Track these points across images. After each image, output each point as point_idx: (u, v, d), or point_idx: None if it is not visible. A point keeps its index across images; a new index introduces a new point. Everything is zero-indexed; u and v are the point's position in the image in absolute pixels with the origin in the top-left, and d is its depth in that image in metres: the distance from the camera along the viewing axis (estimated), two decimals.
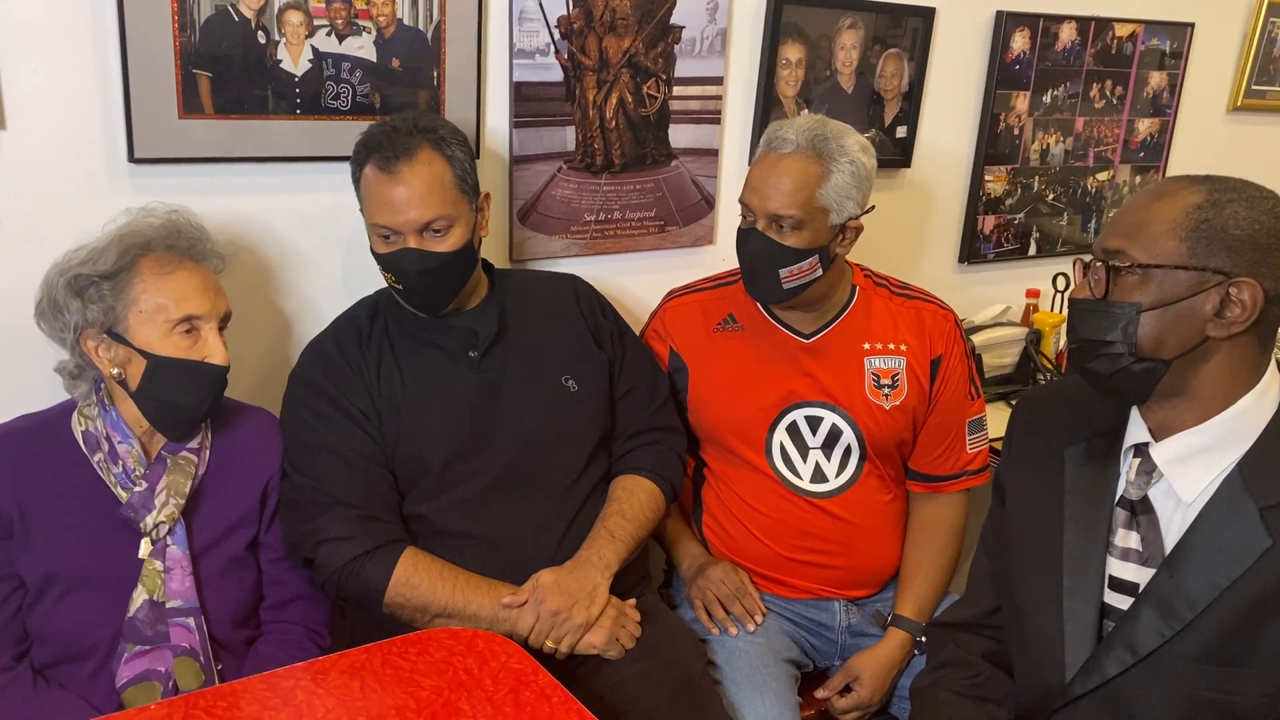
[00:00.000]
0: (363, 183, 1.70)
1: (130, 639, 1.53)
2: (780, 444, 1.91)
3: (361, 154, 1.70)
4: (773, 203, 1.79)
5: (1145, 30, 2.83)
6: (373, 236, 1.72)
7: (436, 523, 1.72)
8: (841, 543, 1.91)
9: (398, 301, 1.79)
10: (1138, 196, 1.31)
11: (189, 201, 1.70)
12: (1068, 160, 2.84)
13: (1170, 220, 1.24)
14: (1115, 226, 1.30)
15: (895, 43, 2.45)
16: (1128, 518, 1.33)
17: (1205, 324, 1.24)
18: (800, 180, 1.79)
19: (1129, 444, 1.34)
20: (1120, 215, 1.31)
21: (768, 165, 1.82)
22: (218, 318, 1.58)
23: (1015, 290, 2.80)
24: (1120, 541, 1.33)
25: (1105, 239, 1.30)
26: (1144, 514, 1.32)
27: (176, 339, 1.53)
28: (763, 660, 1.80)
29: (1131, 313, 1.25)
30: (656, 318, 2.06)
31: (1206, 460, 1.28)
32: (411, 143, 1.67)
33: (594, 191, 2.16)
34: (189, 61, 1.70)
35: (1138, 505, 1.32)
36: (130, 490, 1.55)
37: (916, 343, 1.94)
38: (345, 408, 1.71)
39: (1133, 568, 1.32)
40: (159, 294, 1.53)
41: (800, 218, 1.79)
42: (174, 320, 1.53)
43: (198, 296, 1.55)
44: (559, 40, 2.03)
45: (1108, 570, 1.34)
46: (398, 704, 1.31)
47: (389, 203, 1.66)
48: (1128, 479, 1.33)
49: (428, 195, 1.66)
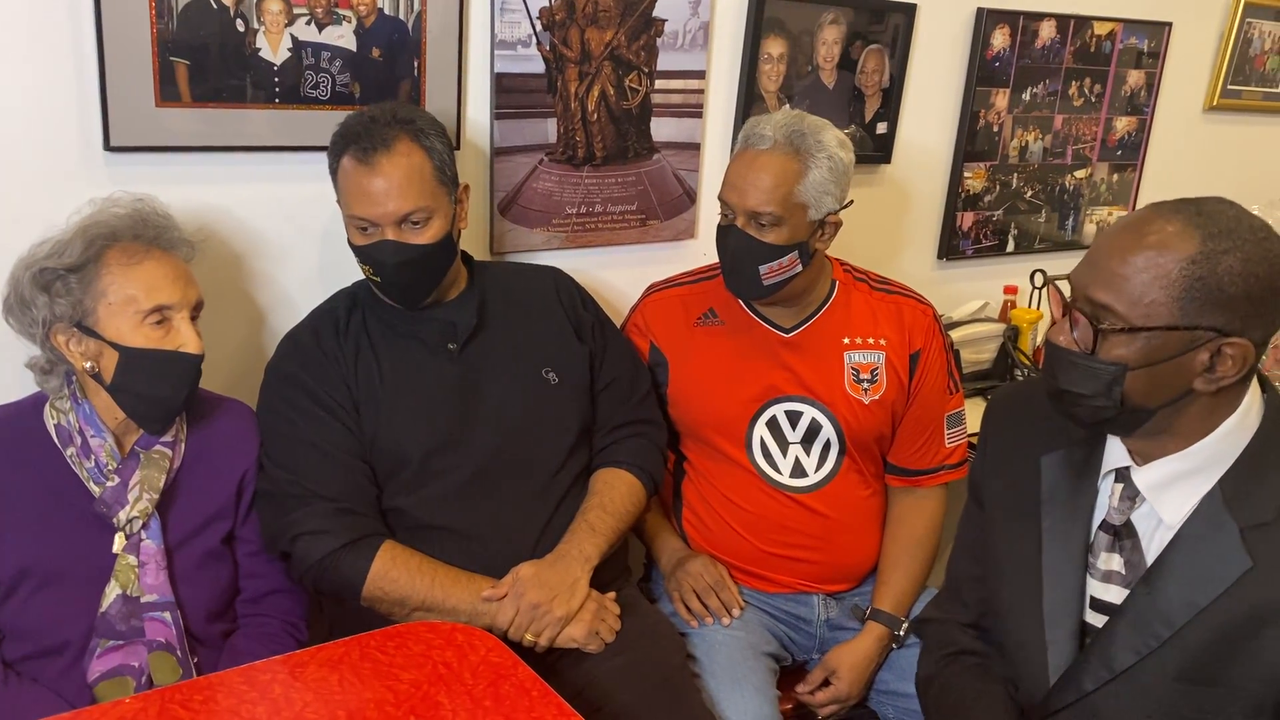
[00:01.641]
0: (340, 174, 1.69)
1: (103, 634, 1.51)
2: (760, 438, 1.92)
3: (339, 145, 1.69)
4: (751, 199, 1.79)
5: (1123, 29, 2.85)
6: (350, 228, 1.70)
7: (415, 516, 1.71)
8: (820, 537, 1.92)
9: (375, 294, 1.78)
10: (1122, 235, 1.20)
11: (166, 190, 1.68)
12: (1046, 158, 2.86)
13: (1163, 276, 1.16)
14: (1100, 273, 1.20)
15: (877, 39, 2.45)
16: (1111, 541, 1.32)
17: (1194, 378, 1.20)
18: (779, 177, 1.78)
19: (1109, 468, 1.33)
20: (1104, 256, 1.20)
21: (746, 162, 1.82)
22: (189, 306, 1.55)
23: (993, 286, 2.81)
24: (1103, 564, 1.32)
25: (1089, 286, 1.20)
26: (1128, 538, 1.31)
27: (148, 330, 1.51)
28: (742, 654, 1.81)
29: (1118, 373, 1.20)
30: (637, 311, 2.06)
31: (1189, 484, 1.26)
32: (390, 133, 1.65)
33: (575, 184, 2.15)
34: (166, 49, 1.68)
35: (1121, 529, 1.31)
36: (103, 485, 1.53)
37: (896, 337, 1.95)
38: (322, 400, 1.70)
39: (1115, 589, 1.31)
40: (128, 285, 1.50)
41: (779, 214, 1.79)
42: (144, 311, 1.50)
43: (167, 286, 1.52)
44: (541, 32, 2.02)
45: (1089, 591, 1.33)
46: (376, 697, 1.30)
47: (367, 194, 1.65)
48: (1110, 504, 1.32)
49: (406, 187, 1.65)
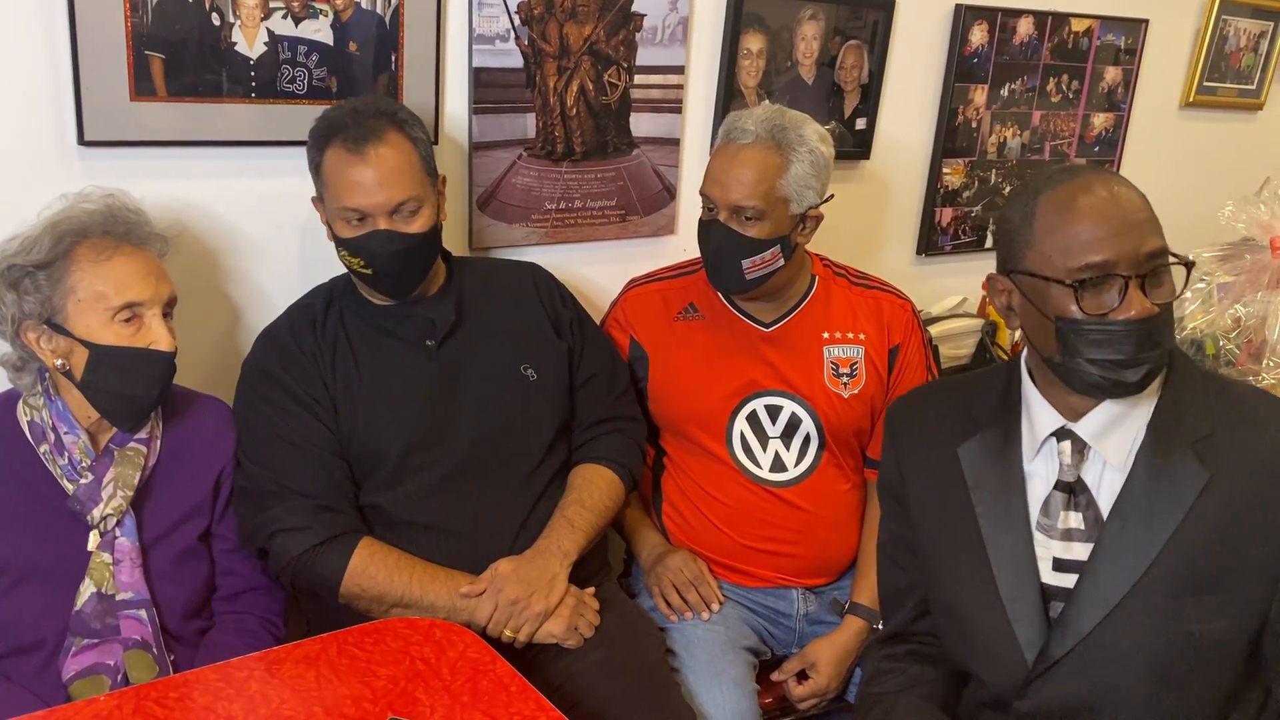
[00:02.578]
0: (326, 167, 1.67)
1: (77, 633, 1.50)
2: (740, 433, 1.92)
3: (323, 137, 1.67)
4: (734, 194, 1.79)
5: (1101, 26, 2.86)
6: (337, 221, 1.68)
7: (393, 513, 1.70)
8: (800, 531, 1.92)
9: (355, 289, 1.78)
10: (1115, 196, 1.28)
11: (141, 186, 1.67)
12: (1025, 154, 2.87)
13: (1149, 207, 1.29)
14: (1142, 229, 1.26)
15: (856, 34, 2.46)
16: (1066, 499, 1.36)
17: None
18: (761, 171, 1.79)
19: (1045, 433, 1.37)
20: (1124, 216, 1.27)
21: (728, 156, 1.82)
22: (161, 303, 1.53)
23: (972, 282, 2.80)
24: (1062, 524, 1.36)
25: (1142, 245, 1.26)
26: (1081, 493, 1.36)
27: (118, 327, 1.49)
28: (721, 648, 1.81)
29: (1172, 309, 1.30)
30: (617, 307, 2.06)
31: (1122, 426, 1.33)
32: (377, 125, 1.65)
33: (555, 180, 2.15)
34: (141, 43, 1.67)
35: (1075, 485, 1.36)
36: (76, 482, 1.52)
37: (875, 332, 1.96)
38: (300, 396, 1.69)
39: (1078, 546, 1.35)
40: (97, 281, 1.48)
41: (762, 208, 1.79)
42: (114, 308, 1.48)
43: (137, 282, 1.50)
44: (519, 26, 2.01)
45: (1051, 554, 1.36)
46: (354, 694, 1.30)
47: (359, 184, 1.64)
48: (1063, 462, 1.36)
49: (399, 176, 1.65)
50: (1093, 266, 1.25)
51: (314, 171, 1.70)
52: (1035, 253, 1.30)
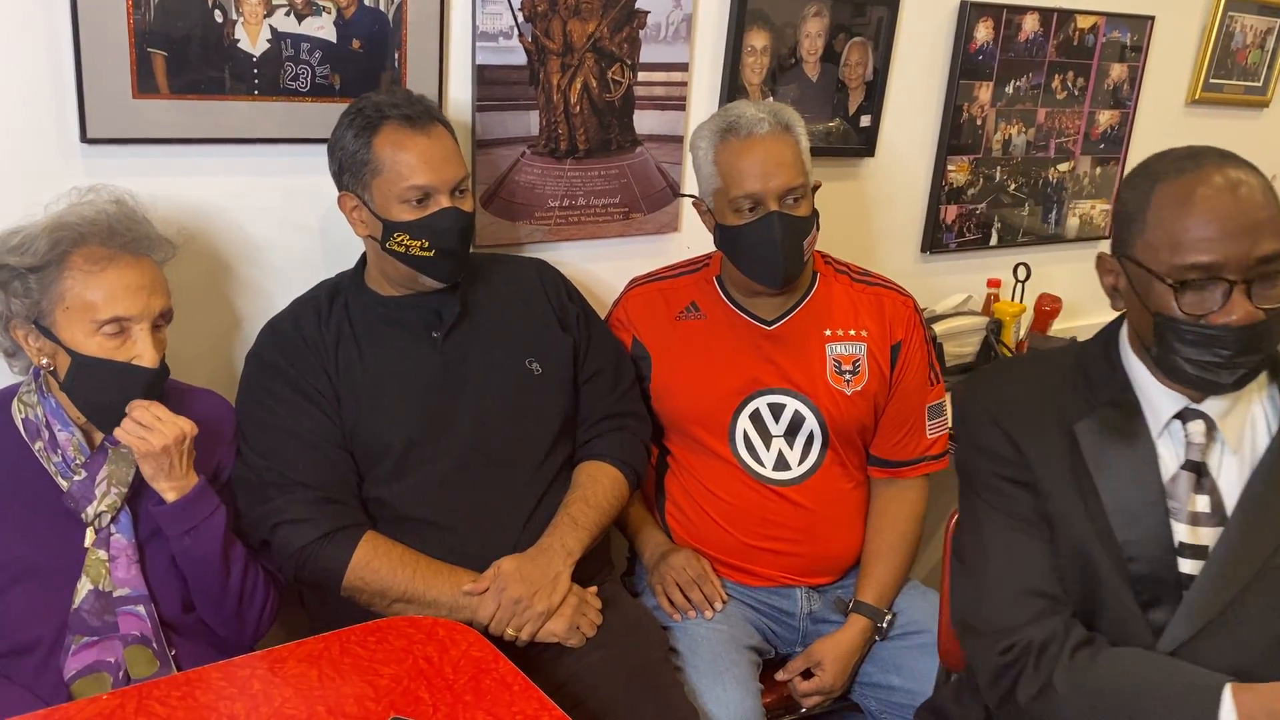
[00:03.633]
0: (381, 150, 1.64)
1: (76, 630, 1.50)
2: (744, 431, 1.91)
3: (373, 119, 1.65)
4: (783, 178, 1.81)
5: (1106, 23, 2.85)
6: (394, 206, 1.65)
7: (397, 508, 1.70)
8: (803, 530, 1.92)
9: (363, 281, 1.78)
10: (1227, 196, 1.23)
11: (143, 183, 1.66)
12: (1029, 151, 2.87)
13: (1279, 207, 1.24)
14: (1256, 230, 1.21)
15: (860, 31, 2.45)
16: (1194, 480, 1.33)
17: None
18: (793, 151, 1.84)
19: (1168, 415, 1.34)
20: (1240, 217, 1.22)
21: (757, 147, 1.81)
22: (151, 317, 1.50)
23: (977, 280, 2.82)
24: (1189, 506, 1.33)
25: (1254, 248, 1.21)
26: (1206, 475, 1.33)
27: (102, 339, 1.47)
28: (724, 647, 1.81)
29: None
30: (619, 306, 2.05)
31: (1242, 405, 1.33)
32: (422, 110, 1.68)
33: (558, 177, 2.14)
34: (143, 40, 1.66)
35: (1201, 467, 1.34)
36: (71, 479, 1.51)
37: (877, 328, 1.95)
38: (303, 388, 1.69)
39: (1205, 530, 1.32)
40: (87, 291, 1.46)
41: (806, 185, 1.84)
42: (100, 321, 1.46)
43: (128, 297, 1.47)
44: (523, 23, 2.01)
45: (1178, 537, 1.33)
46: (356, 693, 1.30)
47: (428, 161, 1.65)
48: (1190, 442, 1.34)
49: (456, 155, 1.71)
50: (1199, 267, 1.22)
51: (355, 162, 1.67)
52: (1144, 242, 1.27)
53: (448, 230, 1.67)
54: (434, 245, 1.67)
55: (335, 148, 1.71)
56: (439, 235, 1.67)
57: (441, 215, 1.66)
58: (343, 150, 1.69)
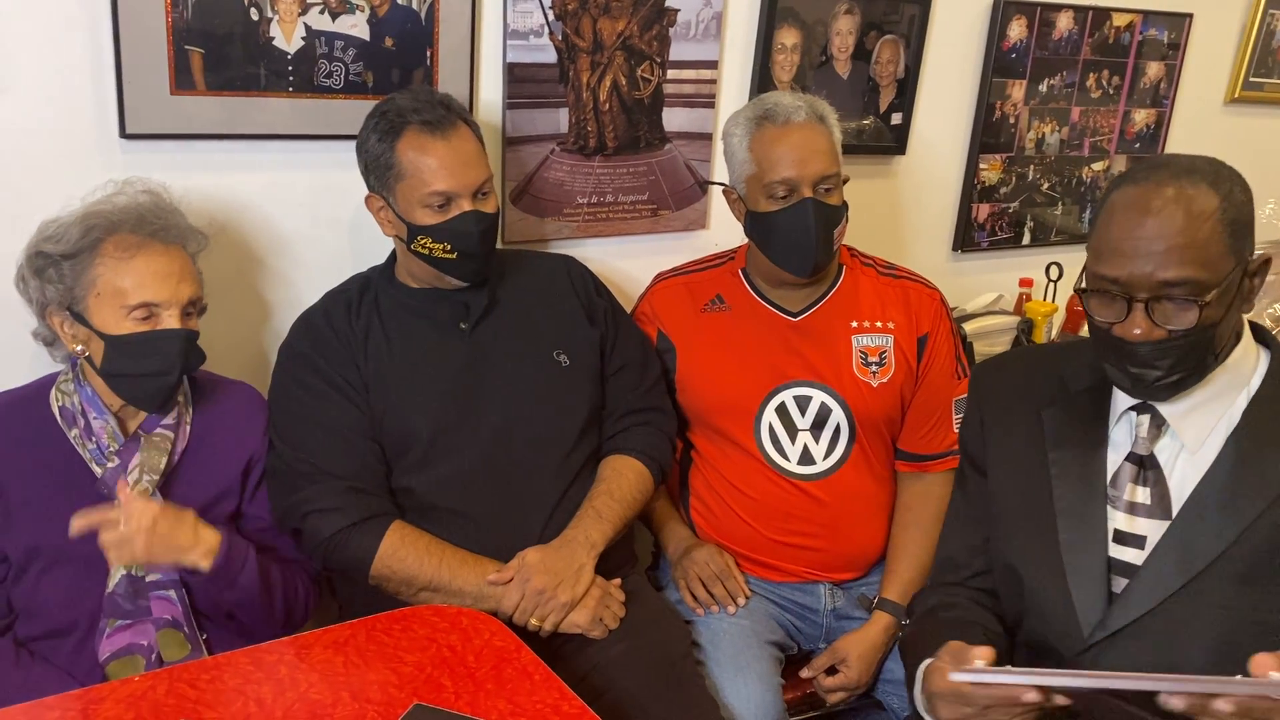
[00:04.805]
0: (404, 155, 1.67)
1: (111, 614, 1.53)
2: (769, 425, 1.92)
3: (392, 128, 1.68)
4: (817, 166, 1.82)
5: (1143, 20, 2.82)
6: (417, 209, 1.68)
7: (424, 497, 1.72)
8: (827, 526, 1.92)
9: (392, 274, 1.81)
10: (1147, 216, 1.24)
11: (180, 178, 1.70)
12: (1063, 150, 2.84)
13: (1214, 232, 1.24)
14: (1155, 256, 1.23)
15: (892, 29, 2.44)
16: (1136, 472, 1.37)
17: (1241, 304, 1.31)
18: (828, 140, 1.85)
19: (1127, 405, 1.38)
20: (1147, 241, 1.24)
21: (794, 134, 1.83)
22: (180, 304, 1.53)
23: (1008, 279, 2.80)
24: (1128, 496, 1.37)
25: (1156, 271, 1.24)
26: (1151, 468, 1.36)
27: (132, 325, 1.50)
28: (746, 642, 1.81)
29: (1211, 333, 1.28)
30: (644, 300, 2.07)
31: (1207, 410, 1.34)
32: (445, 112, 1.70)
33: (587, 174, 2.16)
34: (181, 37, 1.70)
35: (1146, 460, 1.37)
36: (104, 466, 1.55)
37: (904, 320, 1.95)
38: (333, 379, 1.71)
39: (1142, 521, 1.36)
40: (117, 278, 1.50)
41: (840, 174, 1.85)
42: (130, 306, 1.50)
43: (156, 283, 1.51)
44: (553, 21, 2.02)
45: (1111, 524, 1.37)
46: (380, 679, 1.32)
47: (449, 166, 1.67)
48: (1138, 435, 1.37)
49: (478, 157, 1.72)
50: (1105, 279, 1.28)
51: (379, 165, 1.70)
52: (1090, 245, 1.32)
53: (469, 234, 1.69)
54: (456, 248, 1.70)
55: (361, 149, 1.74)
56: (461, 238, 1.69)
57: (463, 219, 1.69)
58: (368, 153, 1.72)
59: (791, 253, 1.87)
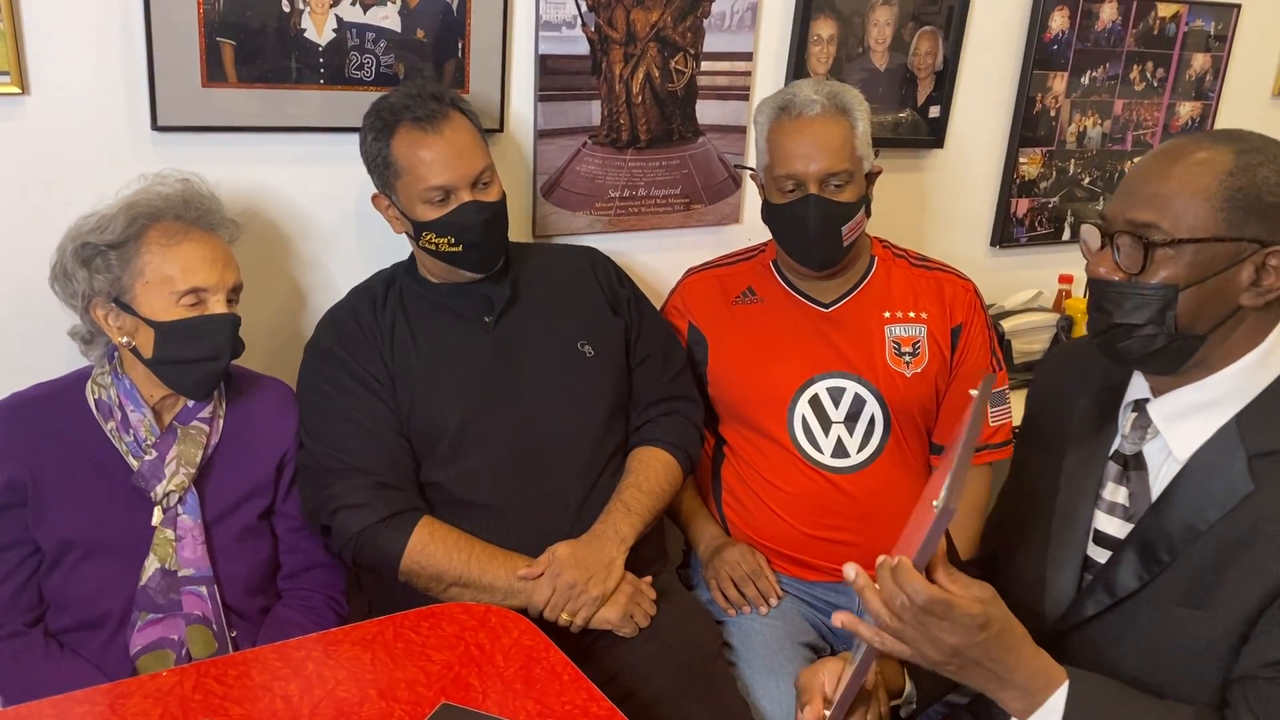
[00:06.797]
0: (399, 152, 1.68)
1: (143, 607, 1.54)
2: (802, 416, 1.89)
3: (385, 126, 1.68)
4: (824, 162, 1.79)
5: (1189, 11, 2.76)
6: (417, 205, 1.69)
7: (453, 491, 1.71)
8: (861, 519, 1.88)
9: (416, 270, 1.80)
10: (1155, 160, 1.21)
11: (211, 170, 1.69)
12: (1105, 143, 2.79)
13: (1203, 189, 1.17)
14: (1138, 195, 1.21)
15: (930, 20, 2.40)
16: (1119, 472, 1.33)
17: (1240, 294, 1.20)
18: (842, 135, 1.81)
19: (1129, 399, 1.33)
20: (1140, 182, 1.22)
21: (805, 128, 1.81)
22: (225, 289, 1.56)
23: (1048, 275, 2.75)
24: (1109, 495, 1.33)
25: (1128, 209, 1.21)
26: (1135, 469, 1.31)
27: (182, 311, 1.52)
28: (779, 643, 1.79)
29: (1170, 294, 1.19)
30: (675, 294, 2.05)
31: (1203, 417, 1.25)
32: (437, 105, 1.68)
33: (619, 168, 2.14)
34: (213, 29, 1.69)
35: (1130, 460, 1.31)
36: (141, 459, 1.55)
37: (937, 311, 1.93)
38: (360, 375, 1.71)
39: (1116, 522, 1.32)
40: (165, 264, 1.51)
41: (851, 170, 1.81)
42: (180, 292, 1.51)
43: (204, 268, 1.53)
44: (586, 13, 2.00)
45: (1093, 524, 1.34)
46: (408, 677, 1.31)
47: (440, 160, 1.66)
48: (1123, 433, 1.33)
49: (474, 147, 1.70)
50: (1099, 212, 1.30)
51: (379, 164, 1.71)
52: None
53: (472, 225, 1.69)
54: (461, 240, 1.69)
55: (361, 150, 1.74)
56: (464, 230, 1.69)
57: (463, 211, 1.68)
58: (367, 153, 1.73)
59: (796, 246, 1.88)
